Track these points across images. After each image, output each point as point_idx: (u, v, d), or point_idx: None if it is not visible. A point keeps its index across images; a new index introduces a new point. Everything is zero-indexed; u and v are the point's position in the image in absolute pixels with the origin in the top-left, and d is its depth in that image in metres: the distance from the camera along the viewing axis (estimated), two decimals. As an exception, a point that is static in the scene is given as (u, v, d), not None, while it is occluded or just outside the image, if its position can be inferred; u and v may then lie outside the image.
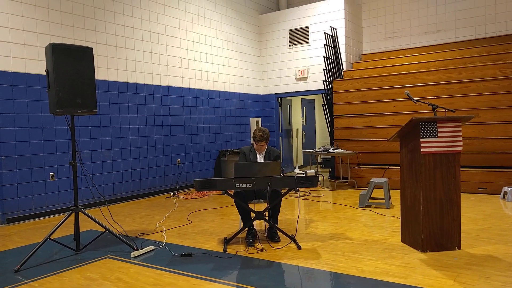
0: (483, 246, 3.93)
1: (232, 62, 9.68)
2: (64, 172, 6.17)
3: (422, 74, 8.02)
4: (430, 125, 3.73)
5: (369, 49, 10.35)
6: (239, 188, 3.97)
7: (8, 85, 5.57)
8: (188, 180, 8.32)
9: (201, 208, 6.32)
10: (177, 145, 8.13)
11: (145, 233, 4.81)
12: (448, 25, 9.32)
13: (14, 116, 5.64)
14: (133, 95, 7.27)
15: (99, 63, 6.60)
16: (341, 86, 8.82)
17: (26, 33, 5.77)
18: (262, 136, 4.46)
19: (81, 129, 6.40)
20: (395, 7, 9.92)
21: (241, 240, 4.36)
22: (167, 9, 7.96)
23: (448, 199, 3.78)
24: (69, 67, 3.93)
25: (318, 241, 4.28)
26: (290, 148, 11.31)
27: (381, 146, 7.91)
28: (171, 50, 8.03)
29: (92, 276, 3.47)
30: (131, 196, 7.22)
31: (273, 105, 10.53)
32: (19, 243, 4.59)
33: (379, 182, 5.92)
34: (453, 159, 3.78)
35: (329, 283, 3.30)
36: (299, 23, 9.98)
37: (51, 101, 3.94)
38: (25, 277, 3.48)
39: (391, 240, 4.26)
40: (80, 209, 4.13)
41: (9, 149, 5.57)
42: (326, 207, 6.21)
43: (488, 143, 6.96)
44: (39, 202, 5.88)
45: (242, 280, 3.29)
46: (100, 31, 6.73)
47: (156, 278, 3.38)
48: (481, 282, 3.08)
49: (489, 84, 7.19)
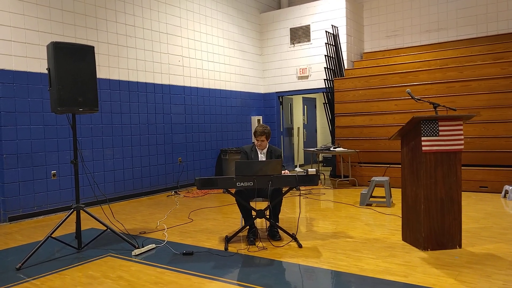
0: (484, 245, 3.93)
1: (233, 61, 9.68)
2: (65, 170, 6.18)
3: (423, 72, 8.01)
4: (431, 124, 3.73)
5: (370, 47, 10.33)
6: (240, 186, 3.98)
7: (9, 83, 5.58)
8: (189, 179, 8.33)
9: (202, 206, 6.33)
10: (178, 144, 8.14)
11: (146, 232, 4.83)
12: (449, 24, 9.30)
13: (16, 114, 5.65)
14: (135, 93, 7.28)
15: (101, 62, 6.61)
16: (342, 85, 8.82)
17: (27, 31, 5.78)
18: (263, 131, 4.49)
19: (83, 128, 6.41)
20: (397, 5, 9.90)
21: (242, 238, 4.37)
22: (168, 7, 7.95)
23: (449, 197, 3.78)
24: (71, 65, 3.94)
25: (319, 240, 4.29)
26: (291, 147, 11.31)
27: (382, 144, 7.91)
28: (172, 48, 8.03)
29: (93, 274, 3.48)
30: (133, 194, 7.23)
31: (274, 103, 10.53)
32: (20, 242, 4.60)
33: (380, 180, 5.92)
34: (454, 158, 3.78)
35: (330, 281, 3.30)
36: (300, 22, 9.97)
37: (53, 100, 3.95)
38: (27, 275, 3.49)
39: (392, 238, 4.26)
40: (81, 208, 4.14)
41: (11, 148, 5.59)
42: (327, 205, 6.22)
43: (489, 141, 6.95)
44: (41, 200, 5.90)
45: (243, 278, 3.30)
46: (101, 29, 6.74)
47: (157, 276, 3.39)
48: (482, 280, 3.08)
49: (490, 83, 7.17)
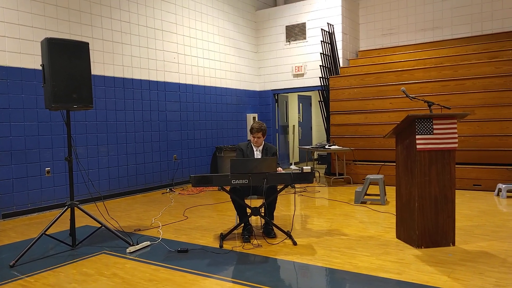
0: (477, 243, 3.96)
1: (228, 58, 9.66)
2: (59, 167, 6.15)
3: (418, 71, 8.04)
4: (426, 122, 3.74)
5: (366, 45, 10.35)
6: (235, 184, 3.98)
7: (3, 79, 5.54)
8: (184, 176, 8.31)
9: (197, 204, 6.32)
10: (173, 141, 8.12)
11: (141, 229, 4.81)
12: (444, 22, 9.33)
13: (10, 111, 5.61)
14: (130, 90, 7.24)
15: (95, 58, 6.57)
16: (337, 83, 8.83)
17: (21, 27, 5.73)
18: (259, 127, 4.51)
19: (77, 124, 6.37)
20: (392, 4, 9.92)
21: (237, 236, 4.37)
22: (163, 4, 7.92)
23: (443, 195, 3.81)
24: (65, 62, 3.91)
25: (314, 237, 4.30)
26: (287, 145, 11.32)
27: (377, 142, 7.94)
28: (167, 45, 8.00)
29: (88, 272, 3.47)
30: (127, 191, 7.21)
31: (270, 101, 10.53)
32: (14, 239, 4.58)
33: (375, 178, 5.95)
34: (448, 156, 3.81)
35: (324, 278, 3.32)
36: (296, 19, 9.96)
37: (47, 96, 3.92)
38: (21, 273, 3.47)
39: (386, 236, 4.28)
40: (75, 205, 4.12)
41: (5, 144, 5.55)
42: (322, 203, 6.23)
43: (483, 140, 6.99)
44: (35, 197, 5.87)
45: (238, 275, 3.30)
46: (96, 25, 6.69)
47: (152, 273, 3.38)
48: (475, 278, 3.10)
49: (485, 82, 7.21)
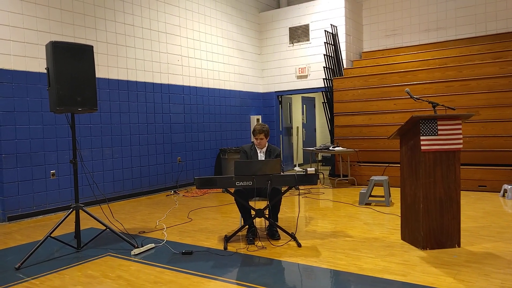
0: (483, 244, 3.94)
1: (232, 60, 9.67)
2: (64, 170, 6.18)
3: (422, 72, 8.01)
4: (430, 123, 3.73)
5: (369, 47, 10.34)
6: (240, 186, 3.98)
7: (8, 83, 5.58)
8: (189, 178, 8.33)
9: (201, 206, 6.33)
10: (177, 143, 8.14)
11: (145, 231, 4.83)
12: (448, 23, 9.30)
13: (15, 114, 5.65)
14: (134, 93, 7.27)
15: (99, 61, 6.60)
16: (341, 84, 8.82)
17: (26, 31, 5.77)
18: (261, 129, 4.52)
19: (82, 127, 6.41)
20: (396, 5, 9.90)
21: (242, 238, 4.37)
22: (167, 7, 7.95)
23: (448, 197, 3.79)
24: (70, 65, 3.94)
25: (318, 239, 4.30)
26: (290, 146, 11.32)
27: (381, 144, 7.92)
28: (171, 48, 8.03)
29: (93, 274, 3.48)
30: (132, 194, 7.23)
31: (273, 103, 10.53)
32: (19, 241, 4.60)
33: (379, 180, 5.93)
34: (453, 157, 3.79)
35: (329, 280, 3.31)
36: (299, 21, 9.97)
37: (52, 99, 3.94)
38: (26, 275, 3.49)
39: (391, 237, 4.27)
40: (80, 207, 4.14)
41: (10, 147, 5.58)
42: (326, 205, 6.22)
43: (488, 141, 6.96)
44: (40, 200, 5.90)
45: (242, 277, 3.30)
46: (100, 29, 6.73)
47: (157, 275, 3.39)
48: (481, 279, 3.09)
49: (489, 82, 7.18)
